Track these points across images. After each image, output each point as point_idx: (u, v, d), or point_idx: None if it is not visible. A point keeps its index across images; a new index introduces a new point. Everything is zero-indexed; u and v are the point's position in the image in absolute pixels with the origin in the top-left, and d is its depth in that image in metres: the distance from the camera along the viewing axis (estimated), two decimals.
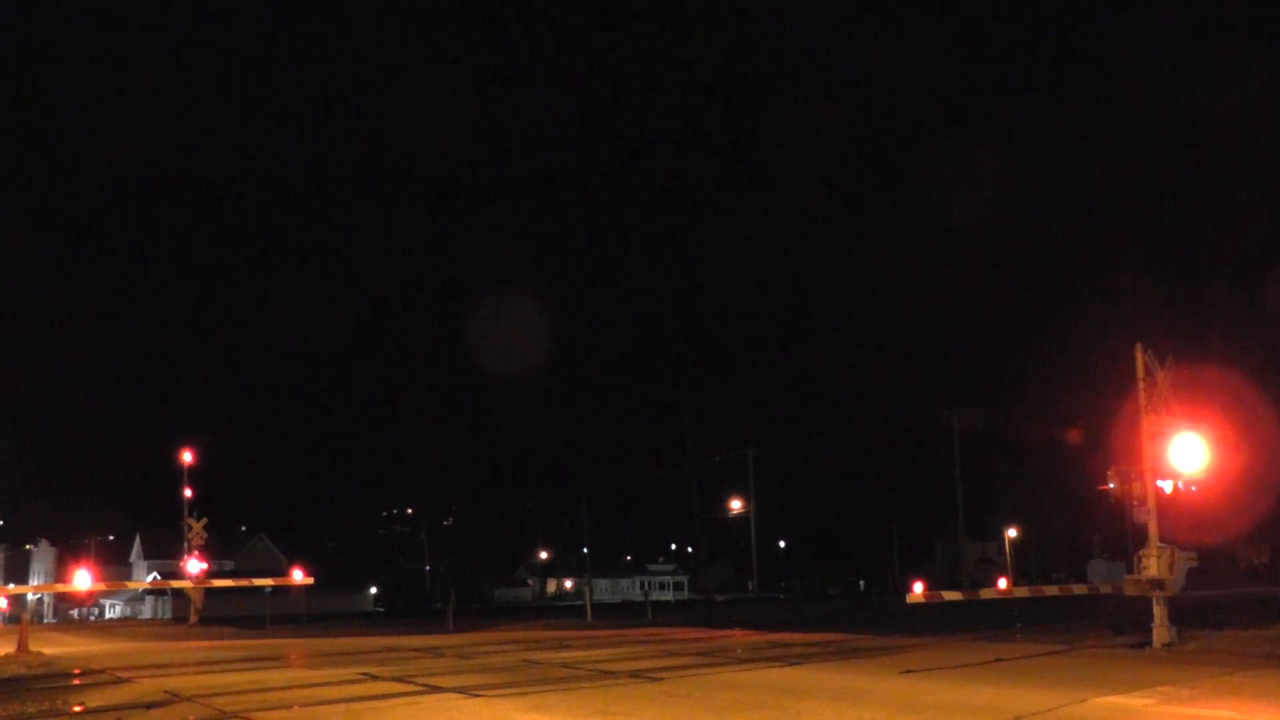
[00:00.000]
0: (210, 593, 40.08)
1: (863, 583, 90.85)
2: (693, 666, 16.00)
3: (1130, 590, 18.78)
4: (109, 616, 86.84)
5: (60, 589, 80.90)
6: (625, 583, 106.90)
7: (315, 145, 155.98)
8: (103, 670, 17.79)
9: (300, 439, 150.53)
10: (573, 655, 18.71)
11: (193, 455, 39.37)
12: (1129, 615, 23.53)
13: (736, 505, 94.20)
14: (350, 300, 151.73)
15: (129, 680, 15.89)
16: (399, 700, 12.56)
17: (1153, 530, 18.39)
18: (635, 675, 14.73)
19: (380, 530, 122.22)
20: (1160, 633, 18.10)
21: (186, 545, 38.78)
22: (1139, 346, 18.43)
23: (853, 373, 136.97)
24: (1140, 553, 18.69)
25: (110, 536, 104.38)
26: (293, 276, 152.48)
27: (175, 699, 13.31)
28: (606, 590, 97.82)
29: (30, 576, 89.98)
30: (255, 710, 11.92)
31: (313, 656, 20.61)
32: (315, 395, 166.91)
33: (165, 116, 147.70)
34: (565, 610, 55.65)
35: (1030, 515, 78.41)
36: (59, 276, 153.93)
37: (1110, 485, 18.75)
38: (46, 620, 77.75)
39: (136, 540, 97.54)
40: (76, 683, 16.24)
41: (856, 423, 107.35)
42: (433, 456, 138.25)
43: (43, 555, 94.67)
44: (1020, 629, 25.33)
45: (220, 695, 13.46)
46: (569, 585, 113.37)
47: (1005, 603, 30.86)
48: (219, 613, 46.58)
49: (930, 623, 28.65)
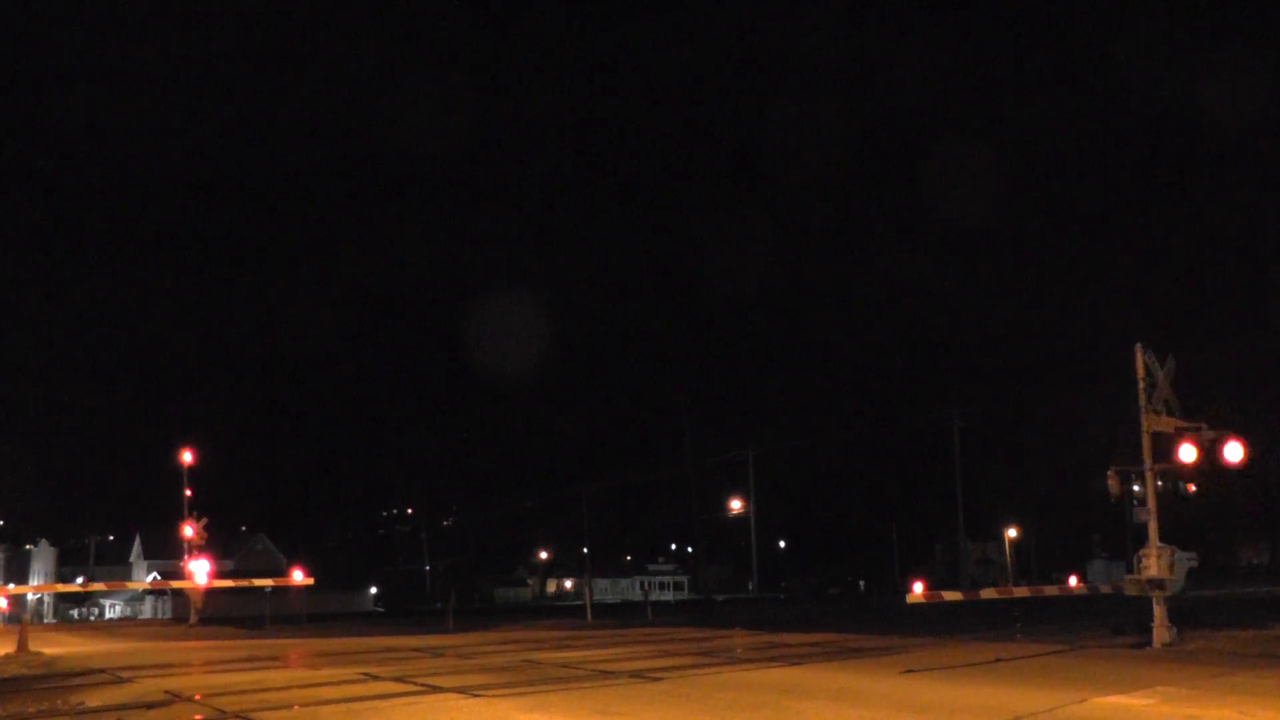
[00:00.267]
0: (210, 593, 40.06)
1: (863, 583, 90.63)
2: (693, 666, 16.00)
3: (1130, 590, 18.80)
4: (109, 616, 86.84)
5: (61, 589, 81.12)
6: (625, 583, 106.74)
7: (314, 145, 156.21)
8: (103, 670, 17.80)
9: (300, 439, 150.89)
10: (573, 655, 18.70)
11: (193, 455, 39.25)
12: (1129, 615, 23.56)
13: (736, 505, 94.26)
14: (350, 300, 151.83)
15: (129, 680, 15.90)
16: (399, 700, 12.56)
17: (1153, 530, 18.41)
18: (635, 675, 14.73)
19: (380, 530, 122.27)
20: (1160, 632, 18.11)
21: (187, 546, 38.76)
22: (1139, 346, 18.44)
23: (852, 373, 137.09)
24: (1140, 553, 18.71)
25: (110, 536, 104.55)
26: (293, 276, 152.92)
27: (175, 699, 13.32)
28: (606, 590, 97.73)
29: (30, 576, 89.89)
30: (256, 710, 11.93)
31: (313, 656, 20.62)
32: (315, 395, 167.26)
33: (164, 117, 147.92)
34: (565, 610, 55.57)
35: (1030, 515, 78.33)
36: (59, 276, 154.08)
37: (1110, 485, 18.77)
38: (46, 620, 77.74)
39: (136, 540, 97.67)
40: (77, 683, 16.22)
41: (856, 423, 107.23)
42: (433, 456, 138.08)
43: (43, 555, 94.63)
44: (1020, 629, 25.32)
45: (221, 695, 13.47)
46: (569, 585, 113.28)
47: (1005, 603, 30.89)
48: (219, 613, 46.57)
49: (930, 623, 28.65)
